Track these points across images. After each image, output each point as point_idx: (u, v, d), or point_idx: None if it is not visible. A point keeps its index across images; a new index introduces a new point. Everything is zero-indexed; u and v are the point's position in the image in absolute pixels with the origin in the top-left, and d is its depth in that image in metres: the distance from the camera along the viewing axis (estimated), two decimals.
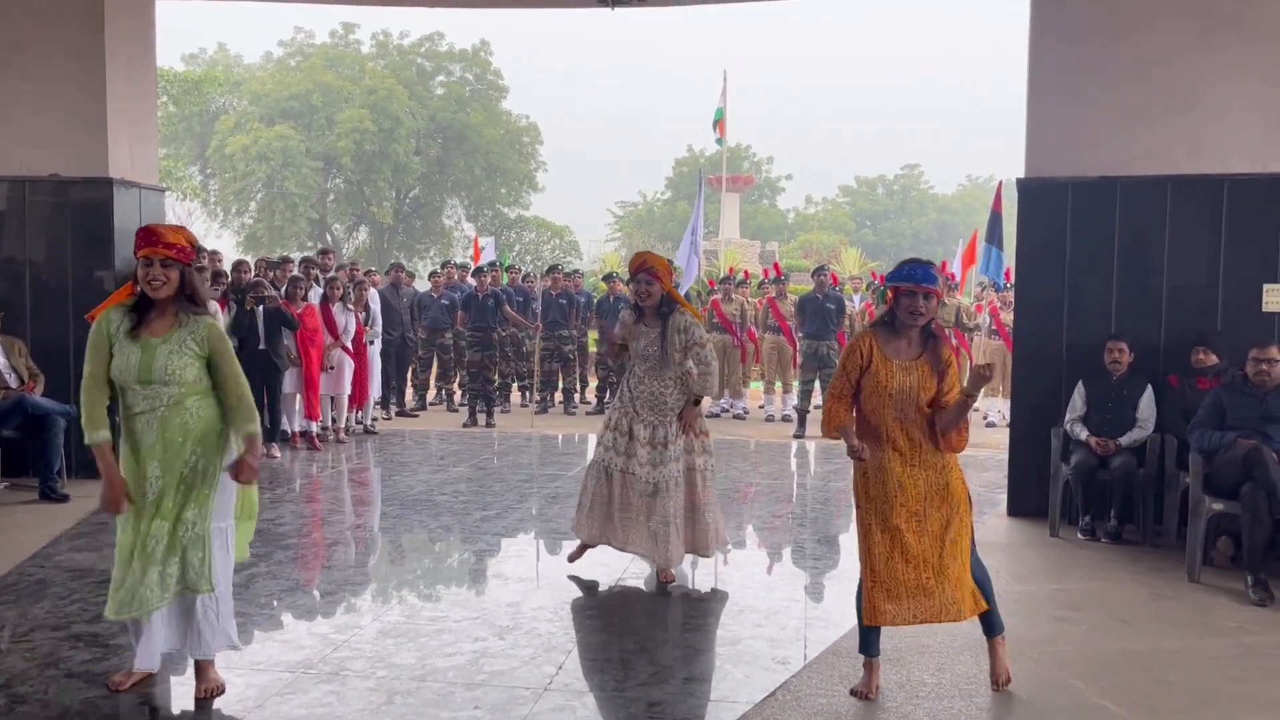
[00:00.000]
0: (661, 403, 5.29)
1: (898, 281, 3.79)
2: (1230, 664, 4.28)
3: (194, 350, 3.66)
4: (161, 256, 3.61)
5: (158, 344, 3.63)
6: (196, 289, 3.73)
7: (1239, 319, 6.52)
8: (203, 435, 3.71)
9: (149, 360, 3.61)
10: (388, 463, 9.04)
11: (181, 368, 3.63)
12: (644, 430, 5.29)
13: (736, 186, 33.39)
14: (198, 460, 3.70)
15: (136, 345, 3.63)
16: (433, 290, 12.86)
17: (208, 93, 32.70)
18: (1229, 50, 6.54)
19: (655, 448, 5.27)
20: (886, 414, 3.80)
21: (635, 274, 5.31)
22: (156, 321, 3.67)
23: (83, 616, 4.62)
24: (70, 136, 7.77)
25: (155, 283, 3.62)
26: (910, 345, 3.82)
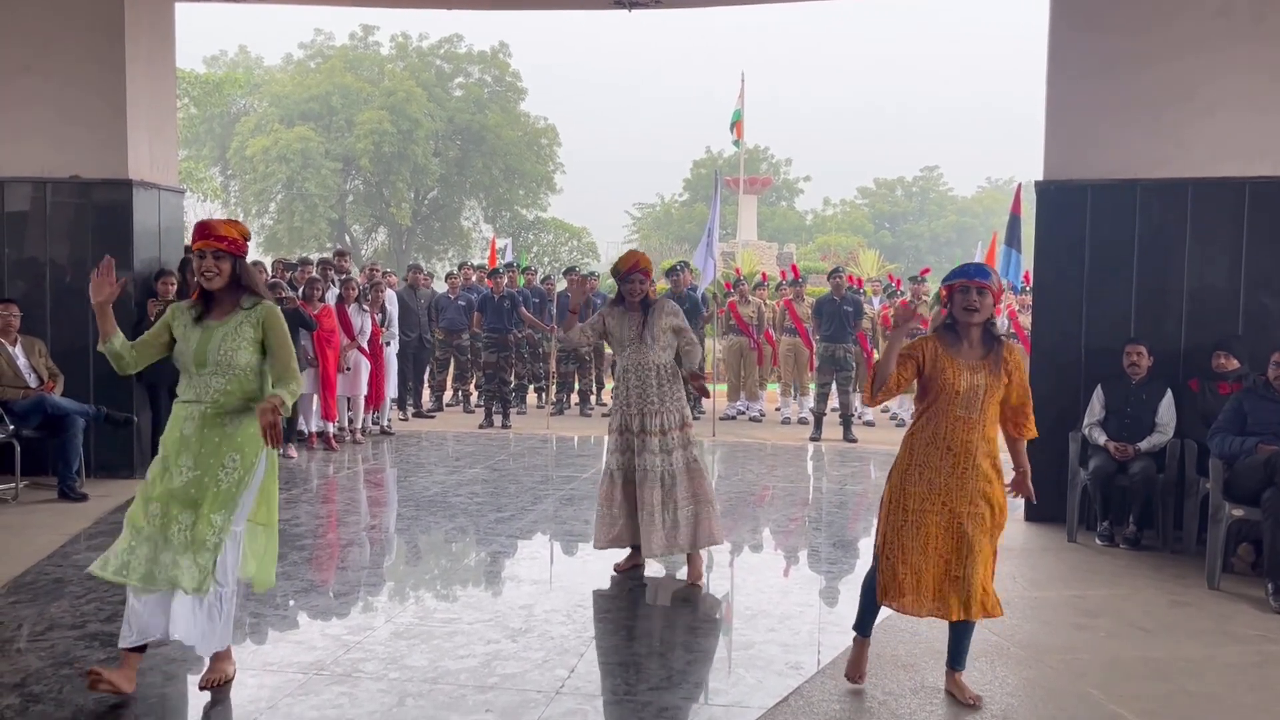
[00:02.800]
0: (646, 391, 5.37)
1: (952, 280, 3.85)
2: (1250, 672, 4.22)
3: (250, 334, 3.78)
4: (214, 249, 3.76)
5: (216, 326, 3.78)
6: (253, 279, 3.88)
7: (1260, 323, 6.45)
8: (243, 445, 3.75)
9: (205, 342, 3.74)
10: (404, 464, 9.06)
11: (234, 349, 3.73)
12: (637, 421, 5.38)
13: (754, 188, 33.33)
14: (235, 469, 3.73)
15: (198, 329, 3.79)
16: (450, 292, 12.89)
17: (228, 94, 32.98)
18: (1250, 52, 6.47)
19: (654, 436, 5.36)
20: (951, 413, 3.79)
21: (629, 274, 5.44)
22: (217, 310, 3.83)
23: (99, 616, 4.65)
24: (90, 138, 7.83)
25: (208, 274, 3.77)
26: (973, 346, 3.83)
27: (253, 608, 4.84)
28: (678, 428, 5.42)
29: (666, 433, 5.38)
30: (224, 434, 3.73)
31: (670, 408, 5.41)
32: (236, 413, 3.77)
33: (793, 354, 12.56)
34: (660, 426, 5.37)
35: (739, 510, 7.44)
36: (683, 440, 5.44)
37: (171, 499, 3.70)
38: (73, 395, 7.53)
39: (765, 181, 39.10)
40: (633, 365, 5.43)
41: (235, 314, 3.80)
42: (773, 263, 25.63)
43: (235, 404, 3.76)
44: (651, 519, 5.31)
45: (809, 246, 39.33)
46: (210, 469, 3.71)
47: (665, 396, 5.40)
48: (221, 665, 3.89)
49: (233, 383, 3.75)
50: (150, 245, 8.15)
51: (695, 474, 5.45)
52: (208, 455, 3.71)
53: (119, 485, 7.65)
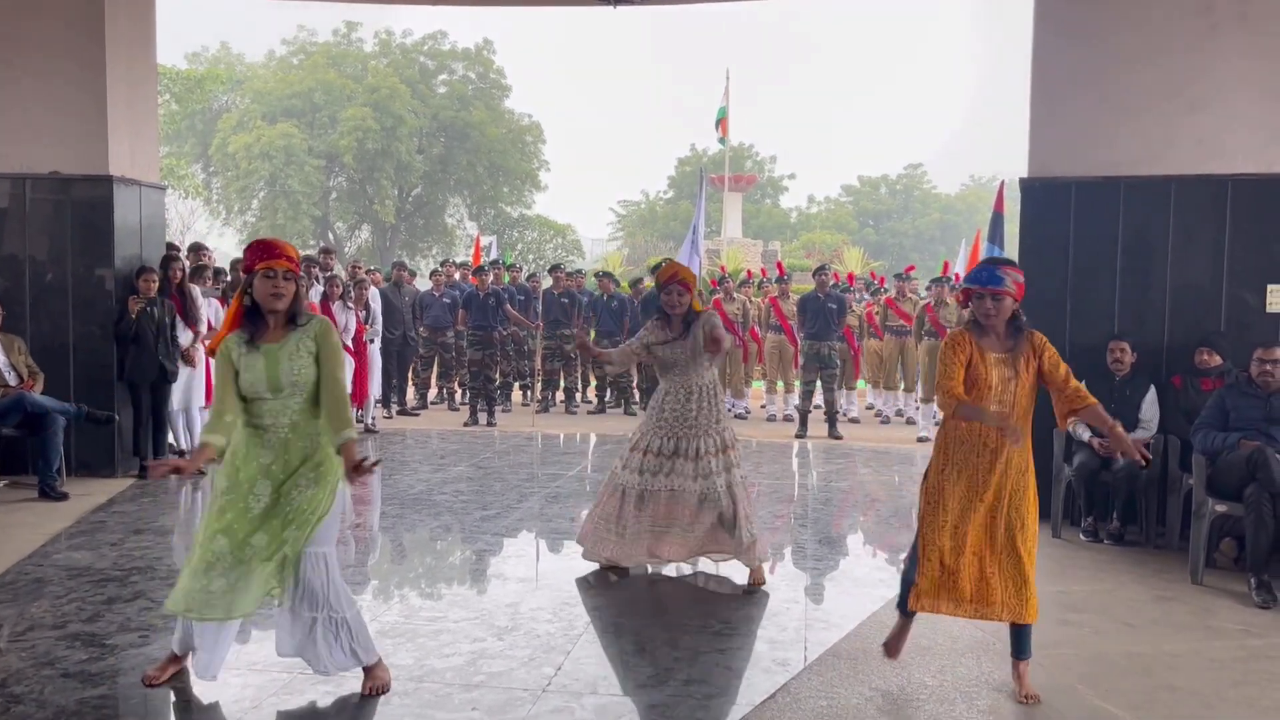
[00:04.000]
0: (687, 413, 5.24)
1: (968, 285, 3.89)
2: (1233, 667, 4.25)
3: (310, 348, 3.71)
4: (284, 269, 3.68)
5: (277, 349, 3.68)
6: (302, 301, 3.81)
7: (1243, 320, 6.49)
8: (319, 464, 3.69)
9: (274, 366, 3.65)
10: (388, 461, 9.02)
11: (304, 367, 3.67)
12: (675, 444, 5.24)
13: (739, 186, 33.35)
14: (309, 486, 3.66)
15: (259, 354, 3.68)
16: (434, 289, 12.84)
17: (210, 91, 32.73)
18: (1232, 49, 6.51)
19: (698, 459, 5.21)
20: (985, 408, 3.80)
21: (667, 284, 5.29)
22: (269, 333, 3.73)
23: (80, 616, 4.60)
24: (70, 134, 7.76)
25: (279, 294, 3.67)
26: (1000, 340, 3.87)
27: None
28: (718, 451, 5.24)
29: (701, 457, 5.21)
30: (303, 455, 3.68)
31: (711, 431, 5.25)
32: (315, 433, 3.71)
33: (778, 351, 12.57)
34: (697, 450, 5.21)
35: None
36: (725, 464, 5.26)
37: (246, 529, 3.61)
38: (53, 393, 7.46)
39: (750, 179, 39.12)
40: (676, 387, 5.27)
41: (292, 333, 3.71)
42: (758, 260, 25.65)
43: (310, 422, 3.70)
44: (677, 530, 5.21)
45: (794, 244, 39.36)
46: (285, 489, 3.65)
47: (709, 418, 5.25)
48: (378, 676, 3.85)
49: (308, 401, 3.70)
50: (131, 242, 8.08)
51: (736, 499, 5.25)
52: (284, 476, 3.66)
53: (100, 484, 7.59)
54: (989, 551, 3.83)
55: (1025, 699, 3.84)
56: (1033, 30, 6.93)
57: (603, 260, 28.76)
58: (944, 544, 3.84)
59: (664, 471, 5.26)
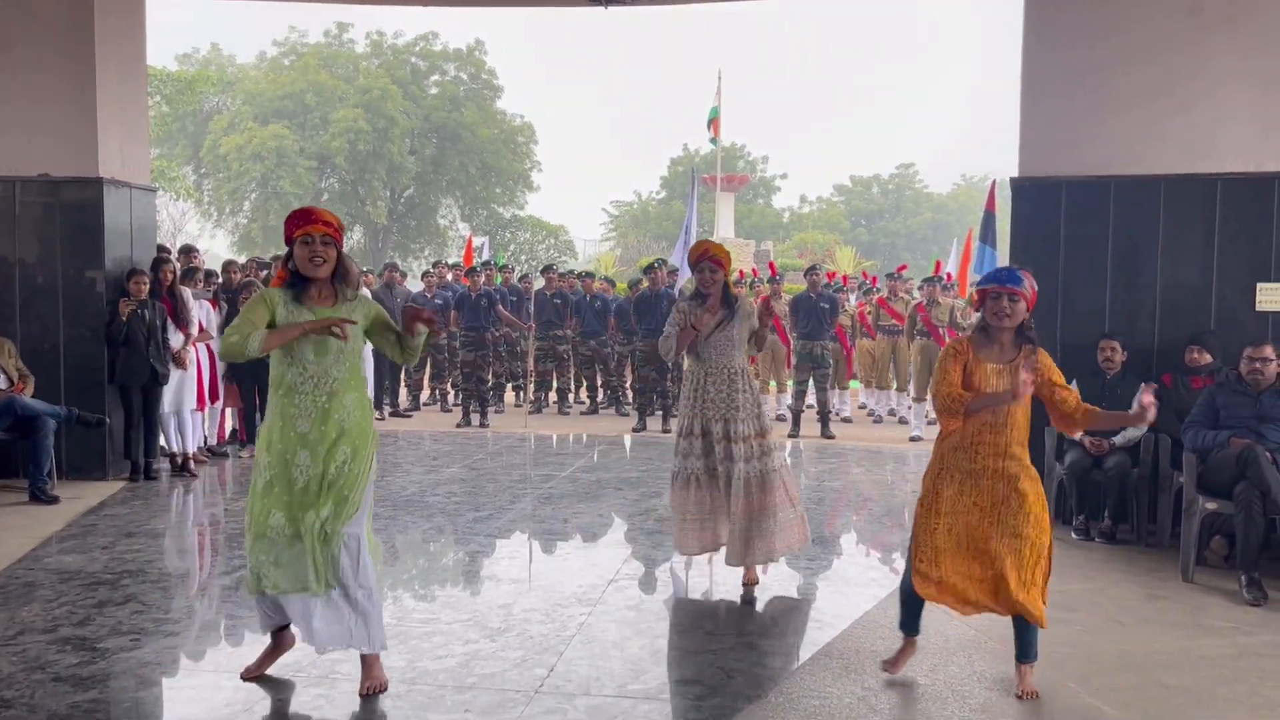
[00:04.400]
0: (733, 396, 5.18)
1: (985, 285, 3.88)
2: (1224, 665, 4.26)
3: (362, 317, 3.70)
4: (322, 234, 3.64)
5: (329, 312, 3.64)
6: (350, 268, 3.75)
7: (1233, 318, 6.51)
8: (356, 436, 3.68)
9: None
10: (380, 463, 8.97)
11: (355, 335, 3.65)
12: (719, 427, 5.18)
13: (731, 186, 33.35)
14: (346, 462, 3.65)
15: (309, 312, 3.63)
16: (426, 290, 12.83)
17: (201, 92, 32.65)
18: (1222, 48, 6.54)
19: (733, 443, 5.17)
20: (980, 417, 3.81)
21: (698, 262, 5.22)
22: (319, 297, 3.69)
23: (70, 620, 4.59)
24: (60, 136, 7.74)
25: (318, 259, 3.63)
26: (1004, 349, 3.86)
27: (228, 610, 4.80)
28: (757, 435, 5.21)
29: (748, 440, 5.17)
30: (340, 428, 3.65)
31: (753, 414, 5.21)
32: (352, 405, 3.69)
33: (770, 351, 12.58)
34: (743, 433, 5.16)
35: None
36: (762, 448, 5.22)
37: (295, 503, 3.63)
38: (43, 396, 7.44)
39: (742, 179, 39.13)
40: (717, 369, 5.21)
41: (342, 302, 3.69)
42: (750, 260, 25.67)
43: (351, 394, 3.69)
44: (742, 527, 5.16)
45: (786, 244, 39.42)
46: (325, 462, 3.63)
47: (750, 403, 5.21)
48: (376, 670, 3.85)
49: (351, 370, 3.68)
50: (122, 244, 8.06)
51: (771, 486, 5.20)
52: (324, 449, 3.63)
53: (91, 487, 7.56)
54: (986, 555, 3.81)
55: (1023, 695, 3.85)
56: (1023, 30, 6.95)
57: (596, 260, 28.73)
58: (938, 544, 3.85)
59: (719, 455, 5.20)
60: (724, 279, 5.22)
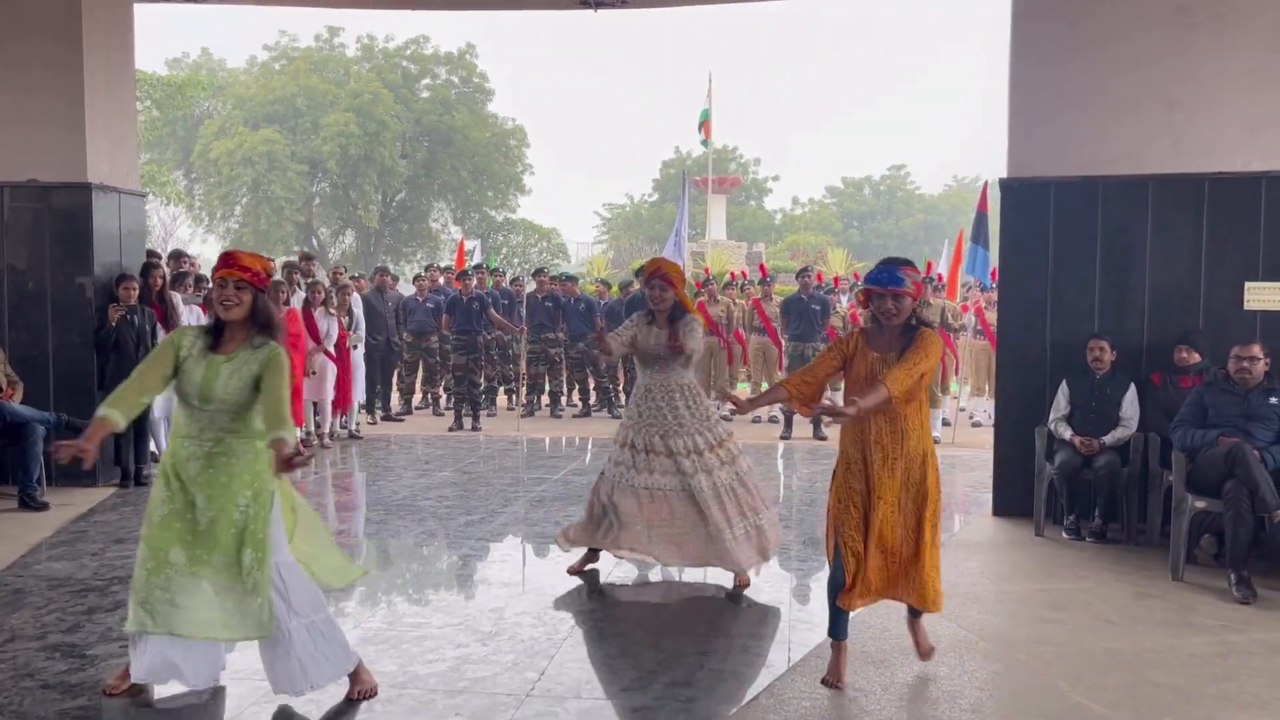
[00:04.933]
0: (674, 412, 5.24)
1: (868, 285, 3.98)
2: (1213, 663, 4.28)
3: (253, 371, 3.65)
4: (235, 279, 3.67)
5: (222, 362, 3.66)
6: (270, 316, 3.75)
7: (1221, 317, 6.54)
8: (252, 482, 3.66)
9: (212, 377, 3.63)
10: (372, 468, 8.99)
11: (241, 388, 3.63)
12: (660, 442, 5.22)
13: (723, 188, 33.40)
14: (249, 505, 3.65)
15: (204, 362, 3.67)
16: (417, 294, 12.81)
17: (191, 97, 32.51)
18: (1209, 48, 6.56)
19: (674, 457, 5.20)
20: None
21: (650, 279, 5.31)
22: (228, 344, 3.72)
23: (60, 626, 4.57)
24: (49, 142, 7.71)
25: (227, 303, 3.66)
26: (892, 340, 3.97)
27: None
28: (716, 446, 5.26)
29: (702, 453, 5.20)
30: (231, 473, 3.64)
31: (701, 428, 5.25)
32: (241, 451, 3.67)
33: (762, 353, 12.59)
34: (692, 447, 5.20)
35: None
36: (725, 457, 5.27)
37: (199, 545, 3.62)
38: (33, 403, 7.41)
39: (734, 181, 39.18)
40: (657, 384, 5.27)
41: (243, 350, 3.68)
42: (742, 262, 25.69)
43: (237, 443, 3.67)
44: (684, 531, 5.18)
45: (778, 246, 39.43)
46: (225, 510, 3.62)
47: (695, 416, 5.25)
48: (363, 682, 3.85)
49: (238, 421, 3.66)
50: (111, 249, 8.03)
51: (742, 489, 5.28)
52: (219, 496, 3.62)
53: (80, 493, 7.54)
54: (894, 543, 3.92)
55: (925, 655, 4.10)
56: (1010, 32, 6.97)
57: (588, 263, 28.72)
58: (856, 539, 3.91)
59: (647, 469, 5.24)
60: (674, 298, 5.27)
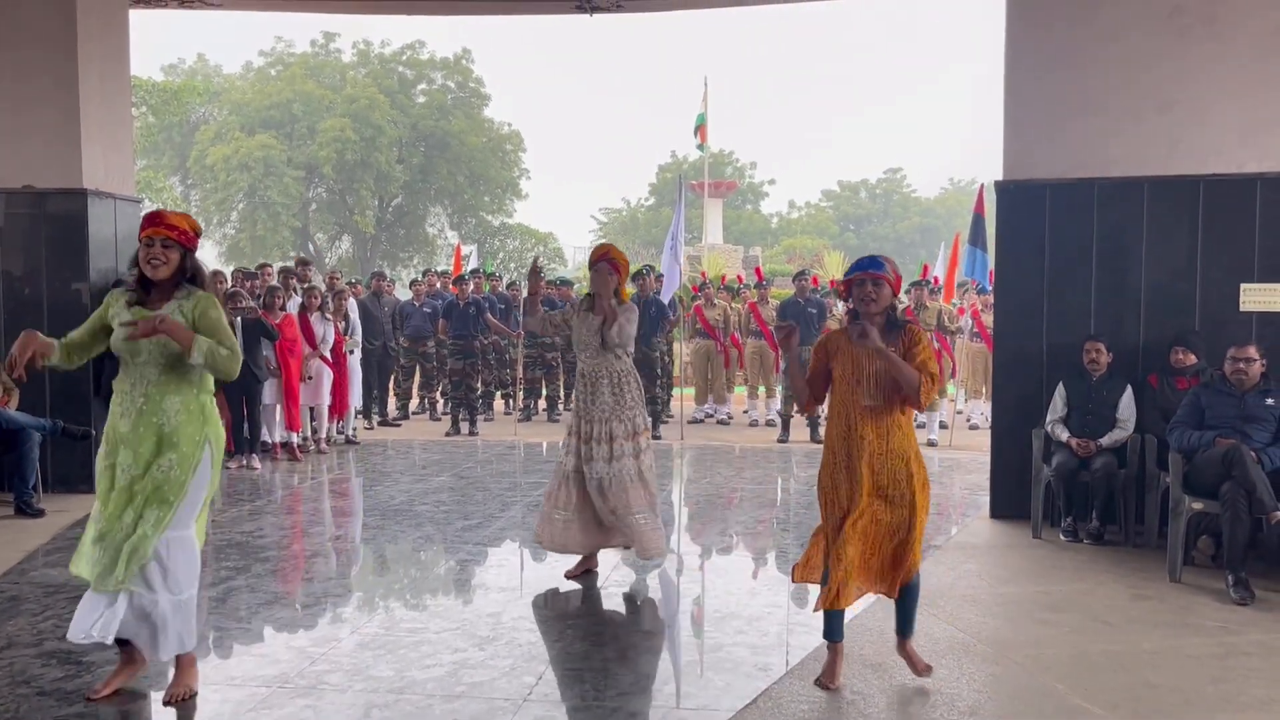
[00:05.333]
0: (599, 395, 5.35)
1: (849, 275, 4.01)
2: (1212, 664, 4.27)
3: (183, 321, 3.68)
4: (163, 236, 3.69)
5: (148, 313, 3.68)
6: (199, 271, 3.80)
7: (1217, 318, 6.54)
8: (183, 443, 3.70)
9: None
10: (369, 473, 8.98)
11: (167, 340, 3.64)
12: (591, 427, 5.35)
13: (719, 192, 33.39)
14: (172, 469, 3.69)
15: (130, 315, 3.71)
16: (414, 299, 12.81)
17: (187, 103, 32.53)
18: (1203, 50, 6.57)
19: (602, 443, 5.33)
20: (857, 403, 3.93)
21: (596, 262, 5.41)
22: (156, 301, 3.75)
23: (56, 633, 4.56)
24: (44, 148, 7.70)
25: (155, 261, 3.69)
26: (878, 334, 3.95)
27: (216, 621, 4.78)
28: (628, 437, 5.36)
29: (615, 440, 5.32)
30: (161, 434, 3.68)
31: (622, 415, 5.36)
32: (173, 410, 3.69)
33: (759, 356, 12.60)
34: (608, 434, 5.32)
35: (707, 513, 7.45)
36: (634, 449, 5.38)
37: (115, 500, 3.69)
38: (29, 409, 7.40)
39: (730, 185, 39.18)
40: (589, 370, 5.41)
41: (169, 303, 3.72)
42: (739, 265, 25.71)
43: (171, 397, 3.69)
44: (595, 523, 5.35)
45: (775, 249, 39.45)
46: (147, 467, 3.67)
47: (620, 404, 5.36)
48: (185, 679, 3.84)
49: (167, 373, 3.69)
50: (106, 255, 8.02)
51: (640, 484, 5.37)
52: (145, 454, 3.67)
53: (77, 500, 7.52)
54: (884, 540, 3.94)
55: (923, 671, 4.03)
56: (1005, 35, 6.98)
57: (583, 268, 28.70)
58: (841, 538, 3.91)
59: (587, 456, 5.36)
60: (616, 284, 5.37)
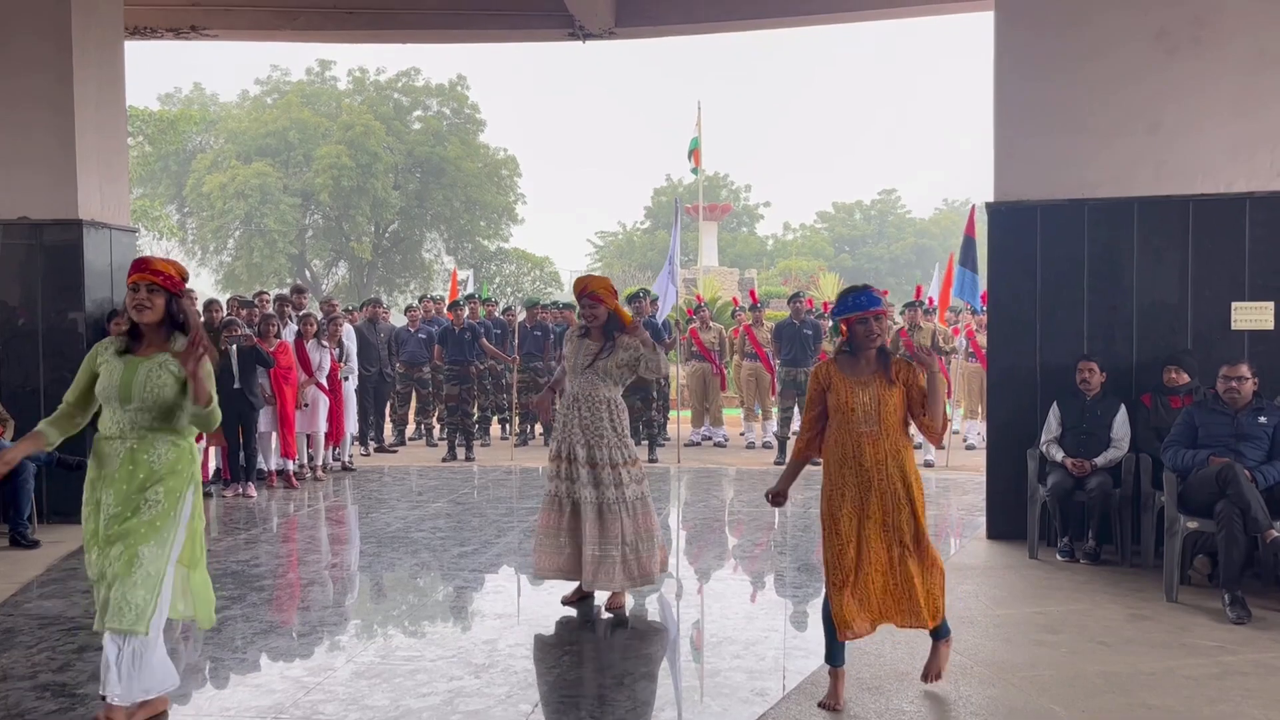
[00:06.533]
0: (598, 423, 5.34)
1: (849, 313, 4.03)
2: (1209, 684, 4.27)
3: (174, 369, 3.73)
4: (148, 282, 3.75)
5: (140, 362, 3.74)
6: (187, 315, 3.85)
7: (1209, 337, 6.57)
8: (166, 477, 3.72)
9: (129, 376, 3.70)
10: (365, 500, 8.96)
11: (160, 386, 3.70)
12: (582, 451, 5.34)
13: (714, 215, 33.49)
14: (161, 499, 3.70)
15: (121, 362, 3.76)
16: (410, 325, 12.82)
17: (184, 131, 32.65)
18: (1188, 71, 6.64)
19: (595, 469, 5.32)
20: (854, 430, 3.98)
21: (579, 298, 5.47)
22: (146, 348, 3.80)
23: (50, 665, 4.54)
24: (39, 179, 7.74)
25: (140, 306, 3.74)
26: (868, 364, 4.05)
27: (210, 652, 4.76)
28: (629, 463, 5.38)
29: (617, 467, 5.33)
30: (149, 470, 3.70)
31: (623, 442, 5.38)
32: (164, 450, 3.74)
33: (754, 378, 12.61)
34: (610, 460, 5.33)
35: (704, 536, 7.44)
36: (636, 475, 5.40)
37: (105, 538, 3.68)
38: None
39: (725, 208, 39.32)
40: (583, 395, 5.40)
41: (162, 352, 3.77)
42: (734, 288, 25.77)
43: (161, 441, 3.74)
44: (591, 552, 5.29)
45: (770, 271, 39.56)
46: (132, 503, 3.68)
47: (618, 430, 5.38)
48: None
49: (158, 420, 3.72)
50: (102, 285, 8.04)
51: (643, 511, 5.40)
52: (132, 491, 3.69)
53: (72, 531, 7.47)
54: (887, 566, 3.96)
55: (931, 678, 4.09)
56: (994, 58, 7.04)
57: None
58: (847, 566, 3.93)
59: (576, 479, 5.36)
60: (605, 313, 5.40)
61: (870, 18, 10.92)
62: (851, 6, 10.41)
